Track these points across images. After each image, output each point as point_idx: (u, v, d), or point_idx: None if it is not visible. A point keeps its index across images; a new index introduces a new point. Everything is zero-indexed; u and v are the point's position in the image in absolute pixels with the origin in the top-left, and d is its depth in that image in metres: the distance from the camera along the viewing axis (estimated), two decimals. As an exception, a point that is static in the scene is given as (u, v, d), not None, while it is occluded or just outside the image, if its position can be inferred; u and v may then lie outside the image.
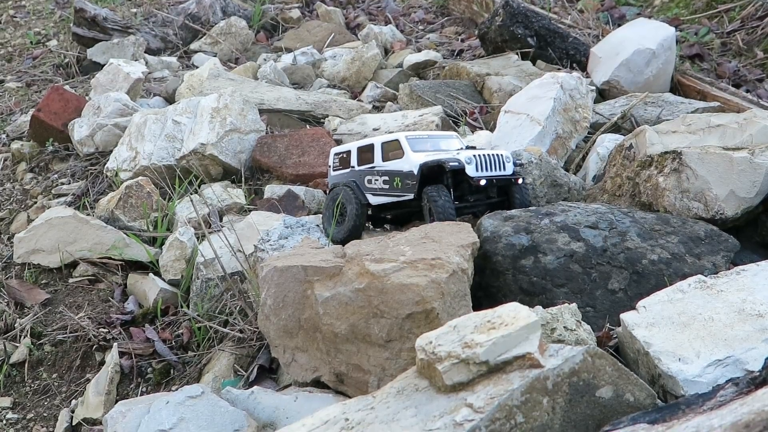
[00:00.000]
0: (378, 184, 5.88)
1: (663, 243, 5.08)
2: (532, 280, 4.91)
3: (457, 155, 5.54)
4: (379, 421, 3.59)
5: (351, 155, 6.13)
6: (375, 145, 5.93)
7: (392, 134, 5.93)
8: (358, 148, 6.08)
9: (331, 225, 6.03)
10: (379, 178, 5.87)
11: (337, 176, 6.26)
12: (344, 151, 6.22)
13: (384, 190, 5.84)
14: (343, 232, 5.95)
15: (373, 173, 5.92)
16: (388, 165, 5.81)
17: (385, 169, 5.83)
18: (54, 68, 12.31)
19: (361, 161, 6.03)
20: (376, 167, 5.91)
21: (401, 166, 5.71)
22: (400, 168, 5.72)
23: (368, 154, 5.98)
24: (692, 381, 3.79)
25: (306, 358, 4.79)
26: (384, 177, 5.83)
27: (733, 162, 5.43)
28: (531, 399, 3.44)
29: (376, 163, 5.90)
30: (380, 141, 5.91)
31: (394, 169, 5.76)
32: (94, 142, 8.88)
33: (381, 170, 5.86)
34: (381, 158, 5.88)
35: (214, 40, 12.74)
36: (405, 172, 5.68)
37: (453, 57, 11.47)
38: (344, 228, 5.94)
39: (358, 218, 5.91)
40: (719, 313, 4.16)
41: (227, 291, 6.04)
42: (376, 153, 5.91)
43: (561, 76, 7.48)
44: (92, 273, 6.90)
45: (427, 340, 3.78)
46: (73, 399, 6.02)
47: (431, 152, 5.74)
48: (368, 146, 5.99)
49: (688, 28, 11.04)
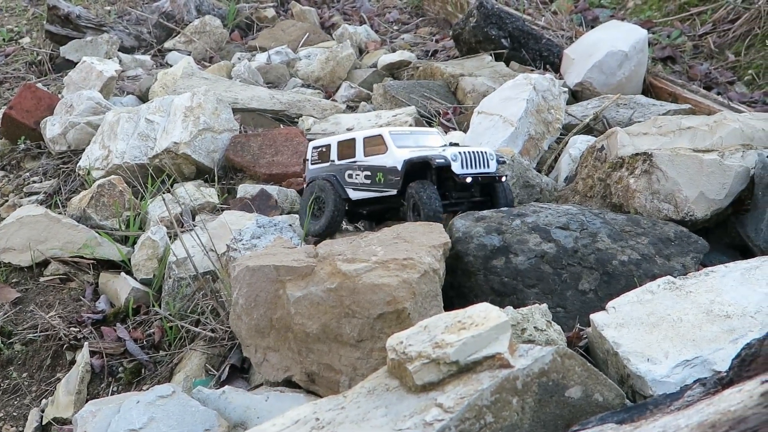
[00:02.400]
0: (359, 178, 5.86)
1: (633, 244, 5.11)
2: (503, 281, 4.93)
3: (443, 152, 5.53)
4: (350, 420, 3.60)
5: (331, 149, 6.10)
6: (357, 139, 5.91)
7: (375, 129, 5.94)
8: (339, 142, 6.05)
9: (306, 218, 6.03)
10: (361, 173, 5.85)
11: (316, 170, 6.23)
12: (323, 145, 6.20)
13: (365, 185, 5.83)
14: (320, 226, 5.95)
15: (354, 168, 5.90)
16: (371, 160, 5.80)
17: (368, 164, 5.81)
18: (27, 66, 12.24)
19: (342, 156, 6.01)
20: (357, 162, 5.88)
21: (384, 162, 5.70)
22: (383, 163, 5.70)
23: (349, 148, 5.96)
24: (660, 381, 3.82)
25: (277, 358, 4.79)
26: (366, 172, 5.81)
27: (703, 164, 5.48)
28: (500, 399, 3.46)
29: (358, 158, 5.88)
30: (362, 135, 5.89)
31: (377, 164, 5.75)
32: (67, 141, 8.83)
33: (363, 165, 5.84)
34: (363, 153, 5.85)
35: (188, 38, 12.70)
36: (388, 167, 5.67)
37: (427, 57, 11.49)
38: (322, 222, 5.94)
39: (336, 212, 5.91)
40: (688, 313, 4.19)
41: (199, 290, 6.03)
42: (358, 147, 5.88)
43: (534, 78, 7.50)
44: (63, 272, 6.86)
45: (397, 340, 3.79)
46: (43, 398, 5.99)
47: (415, 148, 5.74)
48: (349, 140, 5.97)
49: (660, 30, 11.11)
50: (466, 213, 5.39)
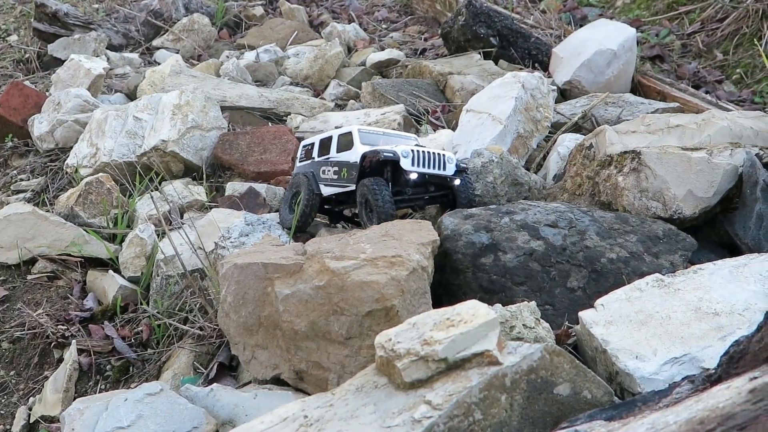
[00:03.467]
0: (329, 174, 5.95)
1: (622, 242, 5.12)
2: (491, 278, 4.93)
3: (395, 147, 5.57)
4: (338, 418, 3.59)
5: (314, 147, 6.22)
6: (333, 136, 6.01)
7: (348, 126, 6.01)
8: (321, 140, 6.17)
9: (284, 211, 6.20)
10: (331, 169, 5.94)
11: (301, 167, 6.36)
12: (310, 143, 6.32)
13: (333, 180, 5.91)
14: (291, 218, 6.04)
15: (327, 164, 5.99)
16: (340, 156, 5.88)
17: (337, 159, 5.90)
18: (14, 63, 12.19)
19: (321, 153, 6.12)
20: (330, 158, 5.99)
21: (349, 157, 5.77)
22: (348, 159, 5.78)
23: (327, 146, 6.06)
24: (649, 378, 3.83)
25: (266, 356, 4.78)
26: (335, 167, 5.90)
27: (691, 162, 5.49)
28: (489, 396, 3.46)
29: (331, 155, 5.99)
30: (338, 133, 5.99)
31: (343, 159, 5.83)
32: (54, 138, 8.80)
33: (333, 161, 5.94)
34: (336, 149, 5.95)
35: (176, 36, 12.67)
36: (351, 162, 5.74)
37: (416, 56, 11.48)
38: (294, 215, 5.98)
39: (306, 206, 5.96)
40: (676, 311, 4.20)
41: (187, 288, 6.02)
42: (333, 144, 5.99)
43: (522, 76, 7.50)
44: (51, 270, 6.84)
45: (386, 337, 3.78)
46: (30, 396, 5.97)
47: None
48: (328, 138, 6.07)
49: (649, 29, 11.13)
50: (454, 211, 5.40)
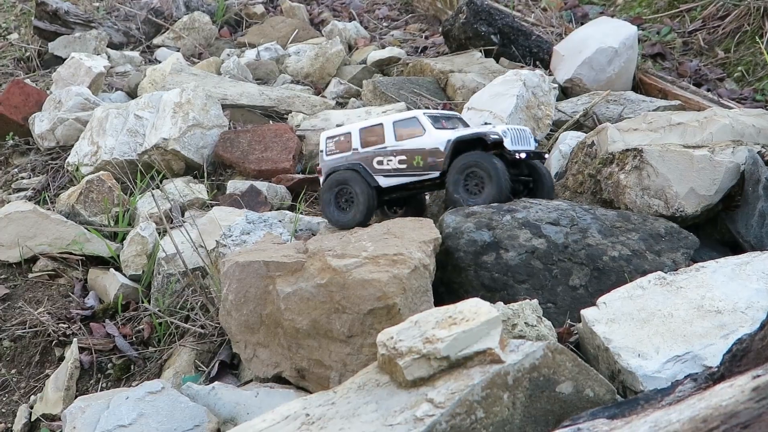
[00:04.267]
0: (392, 164, 5.74)
1: (624, 240, 5.11)
2: (493, 276, 4.93)
3: (494, 128, 5.53)
4: (340, 416, 3.59)
5: (351, 138, 5.92)
6: (385, 124, 5.79)
7: (406, 113, 5.86)
8: (361, 129, 5.90)
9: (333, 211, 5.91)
10: (394, 158, 5.73)
11: (335, 160, 6.00)
12: (341, 134, 6.01)
13: (400, 170, 5.72)
14: (353, 218, 5.80)
15: (385, 154, 5.77)
16: (405, 143, 5.70)
17: (402, 147, 5.71)
18: (15, 62, 12.17)
19: (366, 143, 5.86)
20: (388, 147, 5.76)
21: (423, 143, 5.64)
22: (422, 145, 5.64)
23: (375, 135, 5.83)
24: (651, 377, 3.82)
25: (267, 354, 4.78)
26: (400, 156, 5.71)
27: (693, 160, 5.48)
28: (491, 394, 3.45)
29: (388, 143, 5.76)
30: (391, 120, 5.78)
31: (415, 147, 5.67)
32: (55, 137, 8.80)
33: (397, 149, 5.73)
34: (394, 138, 5.75)
35: (177, 35, 12.66)
36: (428, 149, 5.61)
37: (417, 54, 11.47)
38: (354, 213, 5.79)
39: (369, 202, 5.76)
40: (678, 309, 4.19)
41: (188, 286, 6.01)
42: (387, 133, 5.77)
43: (524, 74, 7.49)
44: (52, 268, 6.83)
45: (388, 335, 3.78)
46: (32, 395, 5.97)
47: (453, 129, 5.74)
48: (375, 127, 5.84)
49: (650, 27, 11.11)
50: (456, 209, 5.38)
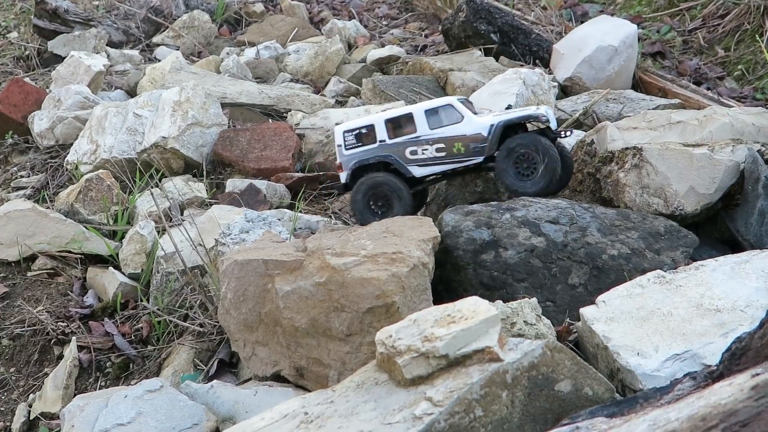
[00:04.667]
0: (428, 153, 5.67)
1: (623, 238, 5.10)
2: (492, 275, 4.93)
3: (537, 110, 5.62)
4: (339, 414, 3.58)
5: (376, 129, 5.76)
6: (415, 113, 5.70)
7: (439, 99, 5.80)
8: (387, 120, 5.76)
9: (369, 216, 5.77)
10: (430, 147, 5.67)
11: (358, 154, 5.83)
12: (362, 127, 5.82)
13: (438, 158, 5.67)
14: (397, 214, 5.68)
15: (419, 143, 5.69)
16: (442, 131, 5.65)
17: (439, 136, 5.66)
18: (14, 60, 12.17)
19: (395, 133, 5.74)
20: (422, 136, 5.68)
21: (463, 131, 5.62)
22: (462, 132, 5.62)
23: (405, 125, 5.72)
24: (650, 375, 3.82)
25: (266, 352, 4.77)
26: (438, 145, 5.66)
27: (693, 158, 5.48)
28: (490, 393, 3.45)
29: (422, 132, 5.68)
30: (422, 108, 5.70)
31: (454, 134, 5.63)
32: (54, 135, 8.80)
33: (433, 138, 5.66)
34: (427, 126, 5.67)
35: (176, 33, 12.66)
36: (470, 135, 5.60)
37: (416, 52, 11.47)
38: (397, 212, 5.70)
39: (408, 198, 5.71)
40: (678, 308, 4.19)
41: (187, 285, 6.01)
42: (419, 122, 5.68)
43: (523, 72, 7.51)
44: (51, 266, 6.82)
45: (387, 333, 3.77)
46: (30, 393, 5.96)
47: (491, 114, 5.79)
48: (404, 116, 5.73)
49: (650, 25, 11.11)
50: (455, 207, 5.38)
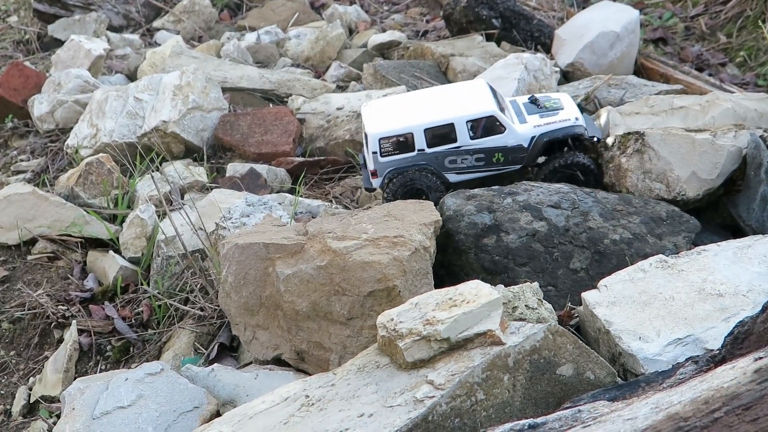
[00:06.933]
0: (467, 162, 5.68)
1: (625, 223, 5.10)
2: (494, 259, 4.92)
3: (576, 122, 5.74)
4: (340, 397, 3.59)
5: (415, 138, 5.67)
6: (456, 124, 5.63)
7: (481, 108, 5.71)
8: (426, 129, 5.66)
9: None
10: (470, 157, 5.67)
11: (395, 161, 5.74)
12: (400, 135, 5.71)
13: (476, 167, 5.71)
14: None
15: (458, 153, 5.67)
16: (483, 142, 5.65)
17: (480, 147, 5.65)
18: (14, 44, 12.13)
19: (434, 143, 5.67)
20: (462, 147, 5.65)
21: (504, 142, 5.65)
22: (503, 144, 5.65)
23: (445, 134, 5.66)
24: (652, 359, 3.82)
25: (267, 336, 4.77)
26: (478, 155, 5.67)
27: (695, 143, 5.47)
28: (492, 376, 3.45)
29: (462, 142, 5.64)
30: (464, 119, 5.63)
31: (495, 145, 5.65)
32: (55, 119, 8.77)
33: (473, 149, 5.65)
34: (469, 137, 5.63)
35: (177, 18, 12.61)
36: (510, 146, 5.66)
37: (418, 38, 11.43)
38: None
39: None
40: (680, 292, 4.19)
41: (188, 269, 6.00)
42: (460, 132, 5.63)
43: (525, 57, 7.48)
44: (51, 250, 6.81)
45: (388, 317, 3.78)
46: (31, 377, 5.96)
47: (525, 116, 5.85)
48: (443, 126, 5.65)
49: (652, 11, 11.08)
50: (456, 191, 5.37)
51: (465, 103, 5.77)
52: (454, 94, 5.97)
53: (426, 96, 6.10)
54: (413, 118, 5.72)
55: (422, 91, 6.33)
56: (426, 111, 5.77)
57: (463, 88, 6.13)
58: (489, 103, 5.70)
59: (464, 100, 5.80)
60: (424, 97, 6.06)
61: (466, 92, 5.96)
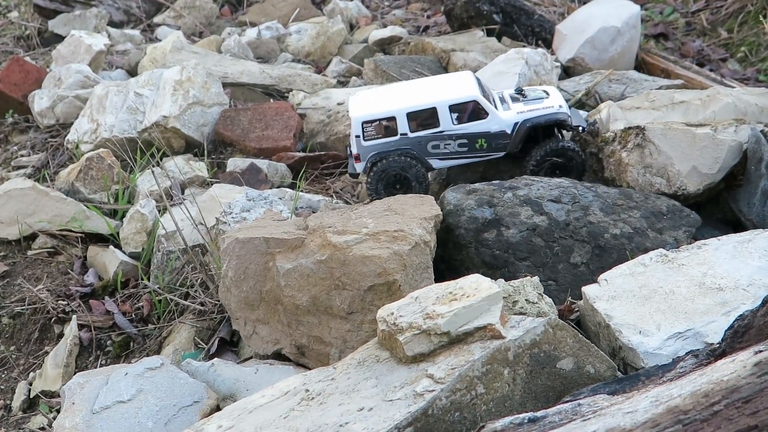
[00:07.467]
0: (450, 148, 5.70)
1: (625, 217, 5.09)
2: (494, 254, 4.92)
3: (560, 109, 5.72)
4: (340, 391, 3.58)
5: (397, 122, 5.70)
6: (439, 108, 5.65)
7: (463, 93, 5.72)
8: (409, 113, 5.69)
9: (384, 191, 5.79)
10: (453, 142, 5.69)
11: (378, 145, 5.78)
12: (382, 118, 5.75)
13: (459, 153, 5.72)
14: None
15: (442, 138, 5.69)
16: (466, 127, 5.66)
17: (463, 132, 5.67)
18: (15, 40, 12.13)
19: (417, 127, 5.69)
20: (445, 132, 5.67)
21: (487, 127, 5.65)
22: (486, 129, 5.65)
23: (427, 118, 5.67)
24: (652, 353, 3.81)
25: (267, 331, 4.77)
26: (461, 140, 5.68)
27: (695, 138, 5.47)
28: (492, 370, 3.45)
29: (445, 127, 5.66)
30: (446, 103, 5.65)
31: (478, 131, 5.66)
32: (55, 114, 8.77)
33: (456, 134, 5.67)
34: (451, 122, 5.65)
35: (177, 13, 12.61)
36: (494, 132, 5.66)
37: (418, 33, 11.42)
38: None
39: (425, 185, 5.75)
40: (680, 286, 4.19)
41: (188, 263, 6.00)
42: (443, 116, 5.65)
43: (526, 52, 7.48)
44: (52, 245, 6.81)
45: (388, 311, 3.77)
46: (31, 371, 5.96)
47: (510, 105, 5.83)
48: (426, 111, 5.67)
49: (653, 7, 11.06)
50: (457, 186, 5.37)
51: (448, 88, 5.82)
52: (439, 82, 6.07)
53: (412, 84, 6.19)
54: (396, 102, 5.78)
55: (410, 81, 6.43)
56: (410, 96, 5.82)
57: (449, 77, 6.24)
58: (472, 88, 5.74)
59: (448, 87, 5.84)
60: (410, 86, 6.14)
61: (451, 80, 6.03)
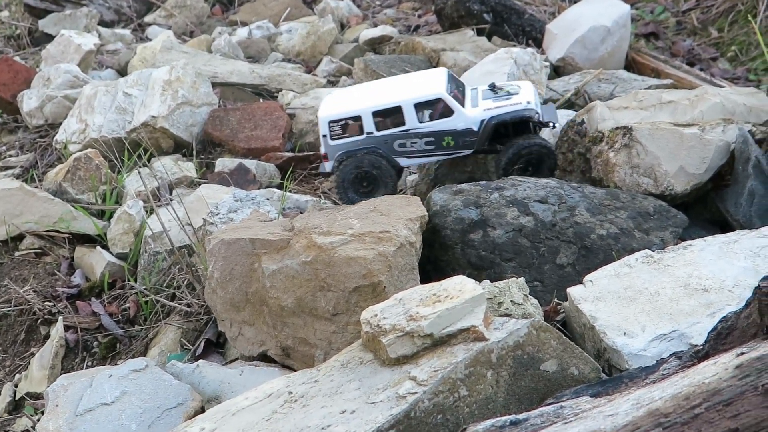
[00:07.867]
0: (417, 146, 5.67)
1: (612, 218, 5.09)
2: (480, 254, 4.91)
3: (528, 105, 5.63)
4: (323, 394, 3.58)
5: (363, 121, 5.68)
6: (404, 107, 5.61)
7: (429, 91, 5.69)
8: (375, 112, 5.67)
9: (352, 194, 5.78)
10: (419, 140, 5.66)
11: (344, 144, 5.75)
12: (348, 117, 5.73)
13: (426, 151, 5.69)
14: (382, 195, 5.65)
15: (408, 136, 5.66)
16: (432, 125, 5.62)
17: (429, 130, 5.64)
18: (5, 40, 12.11)
19: (383, 126, 5.67)
20: (411, 130, 5.64)
21: (453, 125, 5.62)
22: (452, 127, 5.62)
23: (393, 117, 5.65)
24: (637, 355, 3.81)
25: (253, 332, 4.76)
26: (427, 138, 5.65)
27: (683, 138, 5.47)
28: (475, 372, 3.44)
29: (411, 126, 5.63)
30: (411, 102, 5.61)
31: (444, 128, 5.63)
32: (44, 114, 8.75)
33: (423, 131, 5.64)
34: (417, 120, 5.62)
35: (168, 13, 12.59)
36: (460, 130, 5.62)
37: (409, 32, 11.41)
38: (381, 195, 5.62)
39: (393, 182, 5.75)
40: (665, 287, 4.18)
41: (175, 265, 5.98)
42: (408, 115, 5.62)
43: (515, 52, 7.47)
44: (38, 246, 6.79)
45: (372, 313, 3.76)
46: (17, 373, 5.94)
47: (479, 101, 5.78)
48: (391, 109, 5.65)
49: (643, 6, 11.06)
50: (444, 186, 5.36)
51: (415, 86, 5.79)
52: (409, 80, 6.05)
53: (383, 83, 6.18)
54: (363, 101, 5.76)
55: (382, 80, 6.43)
56: (377, 95, 5.81)
57: (420, 74, 6.20)
58: (438, 86, 5.70)
59: (415, 85, 5.82)
60: (380, 84, 6.14)
61: (421, 78, 6.01)
